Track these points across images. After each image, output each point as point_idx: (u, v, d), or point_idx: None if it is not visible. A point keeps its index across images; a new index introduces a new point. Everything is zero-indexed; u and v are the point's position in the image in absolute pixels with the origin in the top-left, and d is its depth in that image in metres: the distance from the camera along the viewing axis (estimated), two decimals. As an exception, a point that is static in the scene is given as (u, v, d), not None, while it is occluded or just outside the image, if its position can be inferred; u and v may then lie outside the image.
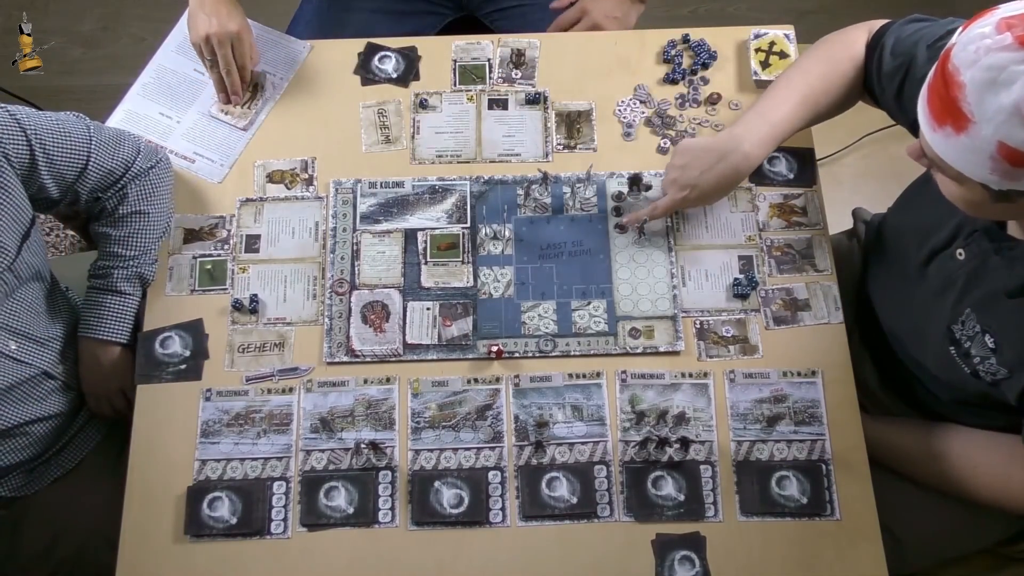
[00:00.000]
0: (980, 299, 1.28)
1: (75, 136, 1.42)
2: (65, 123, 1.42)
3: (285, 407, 1.46)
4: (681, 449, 1.42)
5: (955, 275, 1.31)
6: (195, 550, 1.37)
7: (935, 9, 1.55)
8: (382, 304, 1.52)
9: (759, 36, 1.71)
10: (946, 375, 1.35)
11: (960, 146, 1.06)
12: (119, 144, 1.48)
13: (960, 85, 1.04)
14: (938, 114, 1.07)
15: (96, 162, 1.44)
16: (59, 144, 1.39)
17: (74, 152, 1.41)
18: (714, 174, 1.44)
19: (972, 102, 1.03)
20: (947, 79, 1.05)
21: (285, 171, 1.62)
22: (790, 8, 2.66)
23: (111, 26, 2.79)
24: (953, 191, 1.16)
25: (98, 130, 1.46)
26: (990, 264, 1.27)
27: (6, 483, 1.49)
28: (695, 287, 1.53)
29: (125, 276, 1.48)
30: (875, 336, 1.55)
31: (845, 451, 1.42)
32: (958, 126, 1.05)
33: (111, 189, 1.48)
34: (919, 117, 1.12)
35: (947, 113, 1.06)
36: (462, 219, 1.58)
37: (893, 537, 1.45)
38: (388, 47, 1.71)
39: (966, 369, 1.31)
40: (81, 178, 1.43)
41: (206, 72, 1.65)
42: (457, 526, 1.39)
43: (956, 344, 1.31)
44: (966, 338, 1.30)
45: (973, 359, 1.29)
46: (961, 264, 1.31)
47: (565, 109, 1.67)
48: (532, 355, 1.49)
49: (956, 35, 1.07)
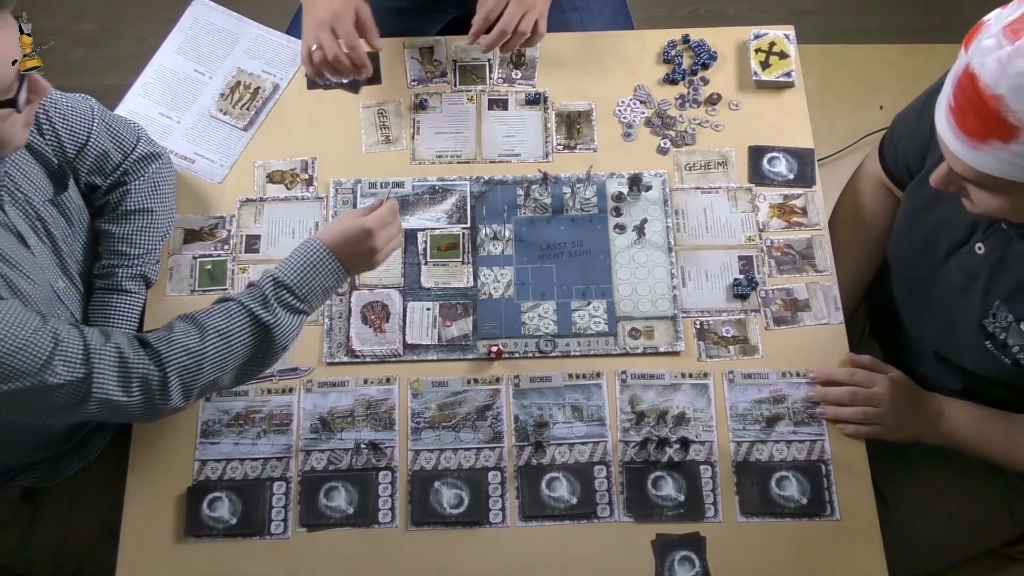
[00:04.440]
0: (1008, 289, 1.29)
1: (79, 112, 1.43)
2: (71, 99, 1.43)
3: (285, 407, 1.46)
4: (681, 449, 1.42)
5: (977, 269, 1.32)
6: (195, 550, 1.37)
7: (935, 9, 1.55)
8: (382, 304, 1.52)
9: (759, 36, 1.71)
10: (986, 370, 1.36)
11: (1011, 155, 1.07)
12: (121, 129, 1.49)
13: (998, 98, 1.04)
14: (978, 131, 1.08)
15: (96, 141, 1.44)
16: (63, 117, 1.41)
17: (76, 127, 1.43)
18: (904, 433, 1.43)
19: (1017, 109, 1.03)
20: (981, 96, 1.05)
21: (285, 171, 1.62)
22: (790, 8, 2.66)
23: (111, 26, 2.78)
24: (991, 203, 1.16)
25: (102, 111, 1.48)
26: (1012, 252, 1.27)
27: (31, 473, 1.49)
28: (695, 287, 1.53)
29: (129, 275, 1.48)
30: (890, 333, 1.55)
31: (845, 451, 1.42)
32: (1006, 137, 1.05)
33: (110, 176, 1.48)
34: (946, 138, 1.12)
35: (990, 128, 1.06)
36: (462, 219, 1.58)
37: (901, 538, 1.45)
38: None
39: (1007, 360, 1.31)
40: (80, 155, 1.44)
41: (305, 60, 1.61)
42: (457, 526, 1.39)
43: (991, 338, 1.32)
44: (1000, 330, 1.30)
45: (1012, 348, 1.30)
46: (982, 258, 1.31)
47: (565, 109, 1.67)
48: (532, 355, 1.49)
49: (961, 57, 1.08)
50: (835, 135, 2.03)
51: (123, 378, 1.21)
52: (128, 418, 1.26)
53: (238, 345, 1.26)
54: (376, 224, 1.33)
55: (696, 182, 1.61)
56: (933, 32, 2.57)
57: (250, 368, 1.30)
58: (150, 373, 1.22)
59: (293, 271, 1.29)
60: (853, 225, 1.59)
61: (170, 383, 1.23)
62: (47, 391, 1.17)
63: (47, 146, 1.39)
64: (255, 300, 1.28)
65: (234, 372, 1.29)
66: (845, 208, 1.63)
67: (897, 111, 1.54)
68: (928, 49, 2.20)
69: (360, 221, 1.33)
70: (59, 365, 1.16)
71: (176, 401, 1.24)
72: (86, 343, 1.19)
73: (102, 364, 1.19)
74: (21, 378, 1.14)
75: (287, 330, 1.29)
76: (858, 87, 2.17)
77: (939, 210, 1.37)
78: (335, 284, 1.32)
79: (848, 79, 2.18)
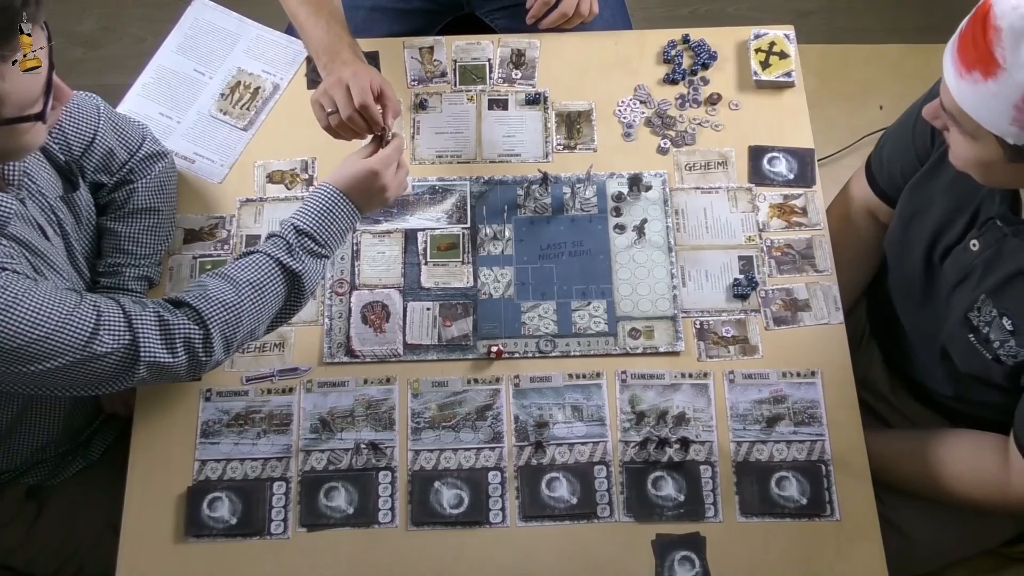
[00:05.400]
0: (995, 283, 1.29)
1: (84, 110, 1.44)
2: (77, 97, 1.44)
3: (285, 407, 1.46)
4: (681, 449, 1.42)
5: (971, 265, 1.32)
6: (195, 550, 1.37)
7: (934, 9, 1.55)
8: (382, 304, 1.52)
9: (759, 36, 1.71)
10: (970, 366, 1.36)
11: (986, 93, 1.07)
12: (126, 128, 1.49)
13: (997, 29, 1.04)
14: (968, 59, 1.08)
15: (102, 140, 1.45)
16: (70, 115, 1.42)
17: (82, 126, 1.43)
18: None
19: (1007, 47, 1.04)
20: (985, 23, 1.06)
21: (285, 171, 1.62)
22: (790, 8, 2.66)
23: (111, 26, 2.79)
24: (966, 152, 1.17)
25: (108, 110, 1.48)
26: (1005, 249, 1.28)
27: (36, 471, 1.50)
28: (695, 287, 1.53)
29: (135, 275, 1.48)
30: (888, 332, 1.55)
31: (845, 451, 1.42)
32: (987, 71, 1.06)
33: (116, 175, 1.48)
34: (945, 67, 1.13)
35: (978, 58, 1.07)
36: (462, 219, 1.58)
37: (903, 538, 1.45)
38: None
39: (987, 355, 1.31)
40: (87, 153, 1.45)
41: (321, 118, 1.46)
42: (457, 526, 1.39)
43: (975, 331, 1.32)
44: (984, 323, 1.30)
45: (993, 344, 1.30)
46: (976, 254, 1.31)
47: (565, 109, 1.67)
48: (532, 355, 1.49)
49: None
50: (835, 135, 2.03)
51: (167, 339, 1.24)
52: (174, 378, 1.30)
53: (271, 295, 1.31)
54: (382, 164, 1.38)
55: (696, 182, 1.61)
56: (933, 32, 2.56)
57: (283, 315, 1.36)
58: (192, 332, 1.26)
59: (312, 218, 1.34)
60: (838, 249, 1.57)
61: (212, 339, 1.27)
62: (96, 361, 1.20)
63: (54, 144, 1.40)
64: (281, 250, 1.32)
65: (268, 321, 1.34)
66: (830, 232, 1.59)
67: (897, 111, 1.54)
68: (928, 49, 2.20)
69: (367, 163, 1.38)
70: (105, 335, 1.20)
71: (219, 355, 1.29)
72: (125, 311, 1.23)
73: (145, 329, 1.23)
74: (70, 352, 1.18)
75: (314, 275, 1.35)
76: (858, 87, 2.17)
77: (936, 211, 1.37)
78: (351, 226, 1.38)
79: (848, 79, 2.18)
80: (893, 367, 1.60)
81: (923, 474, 1.41)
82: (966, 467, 1.37)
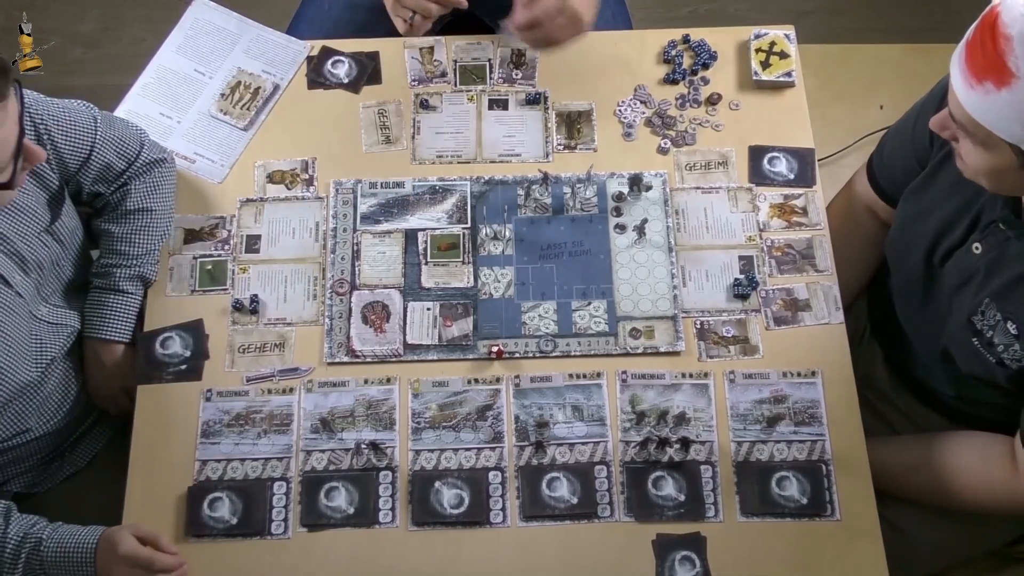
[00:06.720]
0: (999, 287, 1.29)
1: (79, 124, 1.42)
2: (71, 111, 1.42)
3: (285, 407, 1.46)
4: (681, 449, 1.42)
5: (974, 268, 1.32)
6: (195, 550, 1.37)
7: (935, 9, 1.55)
8: (382, 304, 1.52)
9: (759, 36, 1.71)
10: (972, 368, 1.36)
11: (999, 103, 1.06)
12: (124, 139, 1.48)
13: (1007, 38, 1.03)
14: (979, 70, 1.07)
15: (99, 154, 1.44)
16: (64, 132, 1.40)
17: (78, 141, 1.42)
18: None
19: (1020, 55, 1.03)
20: (994, 32, 1.05)
21: (285, 171, 1.62)
22: (790, 8, 2.66)
23: (111, 26, 2.78)
24: (977, 162, 1.16)
25: (104, 121, 1.46)
26: (1008, 252, 1.27)
27: (19, 479, 1.49)
28: (695, 287, 1.53)
29: (127, 275, 1.48)
30: (889, 332, 1.55)
31: (845, 451, 1.42)
32: (1000, 81, 1.05)
33: (114, 184, 1.48)
34: (952, 77, 1.12)
35: (989, 68, 1.06)
36: (462, 219, 1.58)
37: (904, 538, 1.45)
38: (343, 52, 1.70)
39: (991, 359, 1.31)
40: (84, 169, 1.44)
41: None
42: (457, 526, 1.39)
43: (978, 335, 1.32)
44: (988, 327, 1.30)
45: (997, 347, 1.30)
46: (979, 257, 1.31)
47: (565, 109, 1.67)
48: (532, 355, 1.49)
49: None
50: (835, 135, 2.03)
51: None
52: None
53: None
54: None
55: (696, 182, 1.61)
56: (933, 32, 2.57)
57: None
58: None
59: (56, 553, 1.30)
60: (838, 246, 1.57)
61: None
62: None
63: (48, 168, 1.39)
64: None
65: None
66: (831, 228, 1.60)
67: (897, 111, 1.54)
68: (928, 49, 2.20)
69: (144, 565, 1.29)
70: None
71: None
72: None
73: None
74: None
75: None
76: (858, 87, 2.17)
77: (937, 213, 1.37)
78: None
79: (848, 79, 2.17)
80: (894, 366, 1.60)
81: (932, 488, 1.42)
82: (975, 476, 1.37)
